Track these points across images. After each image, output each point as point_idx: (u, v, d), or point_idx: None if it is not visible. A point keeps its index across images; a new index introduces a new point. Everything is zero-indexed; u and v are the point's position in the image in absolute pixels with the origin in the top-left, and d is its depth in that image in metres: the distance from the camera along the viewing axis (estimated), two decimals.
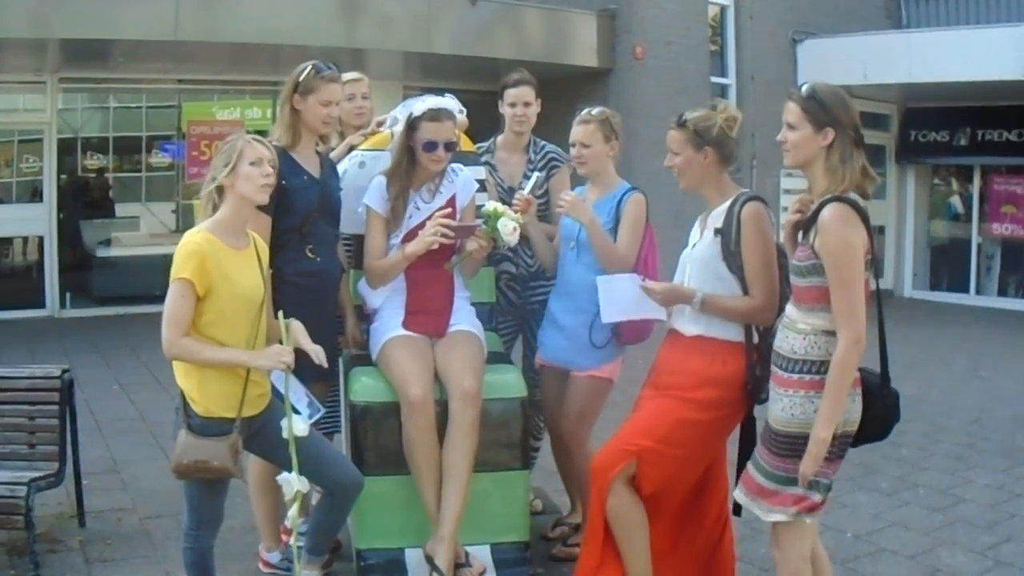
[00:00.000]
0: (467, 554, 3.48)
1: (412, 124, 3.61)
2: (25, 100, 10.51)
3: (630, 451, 3.20)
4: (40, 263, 10.36)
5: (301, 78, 3.48)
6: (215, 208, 3.03)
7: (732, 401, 3.16)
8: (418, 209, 3.67)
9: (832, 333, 2.76)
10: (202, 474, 2.94)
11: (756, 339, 3.21)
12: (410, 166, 3.65)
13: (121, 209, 11.34)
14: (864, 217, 2.74)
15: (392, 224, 3.66)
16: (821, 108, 2.80)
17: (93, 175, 11.04)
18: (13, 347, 8.30)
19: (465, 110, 3.87)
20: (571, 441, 3.85)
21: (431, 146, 3.58)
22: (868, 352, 2.88)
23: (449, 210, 3.63)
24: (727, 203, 3.19)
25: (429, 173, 3.68)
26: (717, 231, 3.17)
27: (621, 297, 3.36)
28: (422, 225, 3.59)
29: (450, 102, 3.69)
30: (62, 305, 10.36)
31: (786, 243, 3.02)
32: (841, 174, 2.77)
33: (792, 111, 2.85)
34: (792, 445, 2.81)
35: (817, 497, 2.84)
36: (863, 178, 2.80)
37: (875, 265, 2.84)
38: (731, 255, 3.13)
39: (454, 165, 3.76)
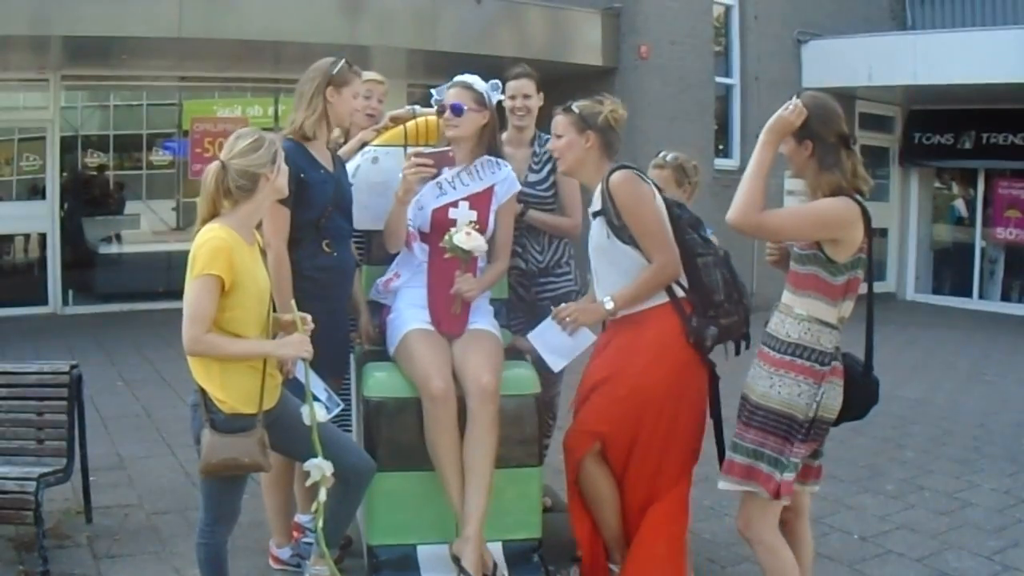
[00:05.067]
0: (495, 565, 3.44)
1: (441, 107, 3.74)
2: (27, 98, 10.48)
3: (593, 434, 3.35)
4: (42, 260, 10.35)
5: (335, 71, 3.52)
6: (214, 204, 2.93)
7: (676, 355, 3.26)
8: (454, 188, 3.69)
9: (823, 322, 2.90)
10: (232, 471, 2.90)
11: (681, 292, 3.30)
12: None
13: (122, 207, 11.32)
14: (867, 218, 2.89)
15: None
16: None
17: (94, 172, 11.01)
18: (17, 344, 8.29)
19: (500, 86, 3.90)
20: None
21: (440, 110, 3.71)
22: (855, 344, 3.03)
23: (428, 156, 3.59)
24: (600, 185, 3.30)
25: (460, 150, 3.70)
26: (595, 213, 3.28)
27: (554, 342, 3.48)
28: (454, 203, 3.65)
29: (475, 78, 3.78)
30: (64, 302, 10.35)
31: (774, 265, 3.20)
32: (818, 183, 2.92)
33: None
34: (766, 419, 2.95)
35: (787, 476, 2.91)
36: (854, 179, 2.92)
37: (869, 265, 2.96)
38: (618, 229, 3.22)
39: (498, 159, 3.79)
